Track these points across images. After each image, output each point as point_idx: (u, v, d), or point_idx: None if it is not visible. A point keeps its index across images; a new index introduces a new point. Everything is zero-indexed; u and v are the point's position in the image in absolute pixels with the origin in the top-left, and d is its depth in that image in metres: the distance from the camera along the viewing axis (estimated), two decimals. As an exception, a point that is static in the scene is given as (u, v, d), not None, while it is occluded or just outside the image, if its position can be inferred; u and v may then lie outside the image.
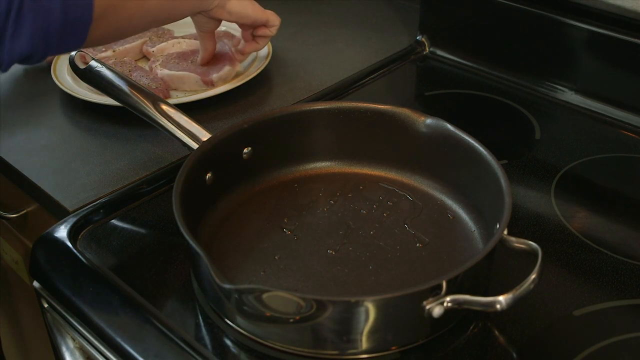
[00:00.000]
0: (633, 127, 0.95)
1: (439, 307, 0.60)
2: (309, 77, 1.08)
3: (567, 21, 0.97)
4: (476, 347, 0.65)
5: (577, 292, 0.70)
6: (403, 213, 0.78)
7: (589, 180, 0.88)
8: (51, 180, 0.86)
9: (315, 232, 0.76)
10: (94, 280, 0.72)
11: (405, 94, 1.08)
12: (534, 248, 0.63)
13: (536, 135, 0.94)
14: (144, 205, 0.82)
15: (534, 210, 0.81)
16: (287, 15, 1.28)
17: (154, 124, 0.81)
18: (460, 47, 1.11)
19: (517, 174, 0.87)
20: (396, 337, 0.63)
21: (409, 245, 0.74)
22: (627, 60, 0.94)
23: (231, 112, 0.99)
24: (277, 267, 0.71)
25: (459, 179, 0.78)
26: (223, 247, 0.73)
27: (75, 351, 0.76)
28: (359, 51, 1.16)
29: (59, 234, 0.77)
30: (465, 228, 0.76)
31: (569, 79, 1.00)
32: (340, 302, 0.60)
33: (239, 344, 0.64)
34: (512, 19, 1.03)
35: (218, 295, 0.65)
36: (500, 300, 0.59)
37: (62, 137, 0.95)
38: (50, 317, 0.77)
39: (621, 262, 0.74)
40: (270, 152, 0.82)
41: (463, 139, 0.76)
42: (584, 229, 0.78)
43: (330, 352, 0.62)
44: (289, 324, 0.61)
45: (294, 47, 1.17)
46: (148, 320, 0.67)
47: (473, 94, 1.05)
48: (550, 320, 0.67)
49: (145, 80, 1.01)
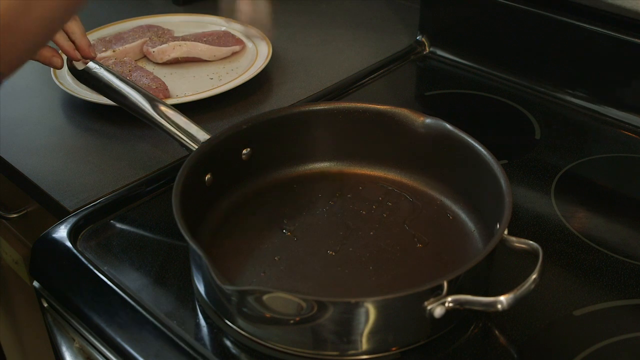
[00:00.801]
0: (633, 127, 0.95)
1: (440, 307, 0.60)
2: (309, 77, 1.08)
3: (567, 21, 0.97)
4: (477, 348, 0.65)
5: (577, 292, 0.70)
6: (403, 213, 0.78)
7: (589, 180, 0.88)
8: (51, 180, 0.86)
9: (315, 232, 0.76)
10: (94, 280, 0.72)
11: (405, 94, 1.08)
12: (534, 248, 0.63)
13: (536, 135, 0.94)
14: (144, 205, 0.82)
15: (533, 210, 0.81)
16: (287, 15, 1.28)
17: (153, 126, 0.81)
18: (460, 47, 1.11)
19: (517, 174, 0.87)
20: (397, 337, 0.63)
21: (409, 246, 0.74)
22: (627, 60, 0.94)
23: (231, 112, 0.99)
24: (277, 268, 0.71)
25: (459, 179, 0.78)
26: (223, 248, 0.73)
27: (75, 351, 0.76)
28: (359, 51, 1.16)
29: (59, 234, 0.77)
30: (465, 228, 0.76)
31: (569, 79, 1.00)
32: (342, 303, 0.59)
33: (239, 344, 0.64)
34: (512, 19, 1.03)
35: (218, 296, 0.65)
36: (501, 300, 0.59)
37: (62, 137, 0.95)
38: (50, 317, 0.77)
39: (621, 262, 0.74)
40: (270, 153, 0.82)
41: (462, 139, 0.76)
42: (584, 229, 0.78)
43: (330, 353, 0.62)
44: (290, 325, 0.61)
45: (294, 47, 1.17)
46: (148, 321, 0.67)
47: (473, 94, 1.05)
48: (550, 320, 0.67)
49: (145, 80, 1.01)
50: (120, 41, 1.12)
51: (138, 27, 1.17)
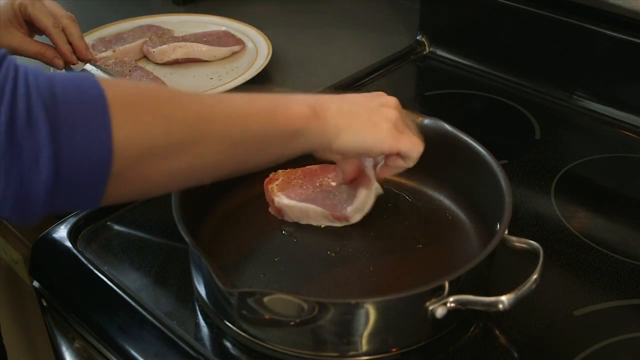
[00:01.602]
0: (633, 127, 0.95)
1: (442, 307, 0.60)
2: (309, 77, 1.08)
3: (567, 21, 0.97)
4: (477, 348, 0.65)
5: (577, 292, 0.70)
6: (402, 214, 0.78)
7: (589, 180, 0.88)
8: (51, 180, 0.86)
9: (315, 234, 0.76)
10: (94, 280, 0.72)
11: (405, 94, 1.07)
12: (535, 247, 0.63)
13: (536, 135, 0.94)
14: (144, 205, 0.82)
15: (534, 210, 0.81)
16: (287, 15, 1.28)
17: None
18: (460, 47, 1.11)
19: (517, 174, 0.87)
20: (397, 338, 0.63)
21: (409, 246, 0.74)
22: (627, 60, 0.94)
23: (231, 112, 0.99)
24: (277, 269, 0.71)
25: (458, 179, 0.78)
26: (222, 249, 0.73)
27: (75, 351, 0.76)
28: (359, 51, 1.16)
29: (59, 234, 0.77)
30: (464, 228, 0.76)
31: (569, 79, 1.00)
32: (343, 304, 0.59)
33: (238, 345, 0.64)
34: (512, 19, 1.03)
35: (218, 298, 0.65)
36: (502, 300, 0.59)
37: (62, 137, 0.95)
38: (50, 317, 0.77)
39: (621, 262, 0.74)
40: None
41: (461, 139, 0.76)
42: (584, 229, 0.78)
43: (330, 354, 0.62)
44: (290, 326, 0.61)
45: (294, 47, 1.17)
46: (148, 321, 0.67)
47: (473, 94, 1.05)
48: (551, 320, 0.67)
49: (145, 80, 1.01)
50: (120, 41, 1.12)
51: (138, 27, 1.17)
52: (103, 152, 0.46)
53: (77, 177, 0.46)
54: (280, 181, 0.78)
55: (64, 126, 0.45)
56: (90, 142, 0.45)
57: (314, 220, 0.76)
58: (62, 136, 0.44)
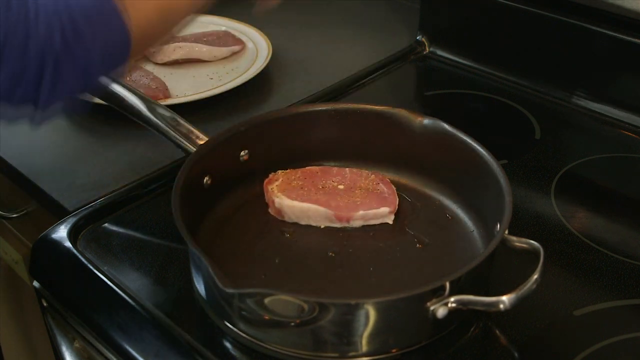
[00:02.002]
0: (633, 127, 0.95)
1: (443, 307, 0.60)
2: (309, 77, 1.08)
3: (567, 21, 0.97)
4: (477, 348, 0.65)
5: (577, 292, 0.70)
6: (402, 214, 0.78)
7: (589, 180, 0.88)
8: (51, 180, 0.86)
9: (315, 234, 0.76)
10: (94, 280, 0.72)
11: (405, 94, 1.08)
12: (535, 247, 0.63)
13: (536, 135, 0.94)
14: (144, 205, 0.82)
15: (534, 210, 0.81)
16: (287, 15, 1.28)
17: (150, 127, 0.80)
18: (460, 47, 1.11)
19: (517, 174, 0.87)
20: (397, 339, 0.63)
21: (409, 246, 0.74)
22: (627, 60, 0.94)
23: (231, 112, 0.99)
24: (277, 270, 0.71)
25: (457, 179, 0.78)
26: (222, 250, 0.73)
27: (75, 351, 0.76)
28: (358, 51, 1.16)
29: (59, 234, 0.77)
30: (464, 228, 0.76)
31: (569, 79, 1.00)
32: (344, 305, 0.59)
33: (238, 345, 0.64)
34: (512, 19, 1.03)
35: (218, 298, 0.65)
36: (503, 300, 0.59)
37: (62, 137, 0.95)
38: (50, 317, 0.77)
39: (621, 262, 0.74)
40: (268, 154, 0.81)
41: (461, 139, 0.76)
42: (584, 229, 0.78)
43: (330, 354, 0.62)
44: (290, 327, 0.61)
45: (294, 47, 1.17)
46: (148, 320, 0.67)
47: (473, 94, 1.05)
48: (551, 320, 0.67)
49: (145, 80, 1.01)
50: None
51: (138, 27, 1.17)
52: (124, 37, 0.61)
53: (112, 47, 0.61)
54: (280, 182, 0.78)
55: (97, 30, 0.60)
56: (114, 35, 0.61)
57: (314, 221, 0.76)
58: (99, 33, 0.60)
